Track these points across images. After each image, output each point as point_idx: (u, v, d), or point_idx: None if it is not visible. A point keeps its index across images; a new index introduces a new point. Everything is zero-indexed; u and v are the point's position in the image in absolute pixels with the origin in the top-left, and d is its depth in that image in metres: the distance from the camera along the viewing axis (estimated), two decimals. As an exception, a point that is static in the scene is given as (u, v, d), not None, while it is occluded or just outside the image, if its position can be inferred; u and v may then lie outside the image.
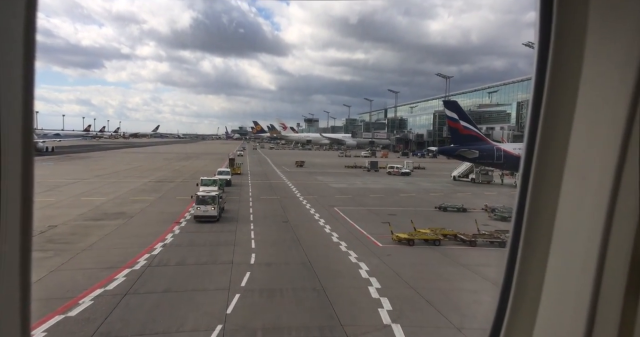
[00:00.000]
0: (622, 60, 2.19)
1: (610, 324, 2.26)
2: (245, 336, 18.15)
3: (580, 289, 2.33)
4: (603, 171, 2.26)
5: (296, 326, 19.07)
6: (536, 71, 2.45)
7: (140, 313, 19.97)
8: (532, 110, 2.49)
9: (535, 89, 2.47)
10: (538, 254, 2.51)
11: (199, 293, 22.78)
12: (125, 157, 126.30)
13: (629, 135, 2.20)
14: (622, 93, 2.20)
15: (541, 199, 2.48)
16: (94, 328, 18.24)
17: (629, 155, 2.22)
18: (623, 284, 2.24)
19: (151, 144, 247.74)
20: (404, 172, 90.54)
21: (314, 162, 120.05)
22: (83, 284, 23.34)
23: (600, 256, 2.27)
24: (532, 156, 2.49)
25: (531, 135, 2.50)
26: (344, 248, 31.75)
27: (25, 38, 2.18)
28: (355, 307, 21.02)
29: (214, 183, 51.56)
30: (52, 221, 37.98)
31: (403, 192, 64.97)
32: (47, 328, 18.08)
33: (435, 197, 59.02)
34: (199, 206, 39.39)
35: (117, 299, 21.32)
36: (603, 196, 2.26)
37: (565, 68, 2.36)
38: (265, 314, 20.23)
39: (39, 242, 31.42)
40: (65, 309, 20.03)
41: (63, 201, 49.00)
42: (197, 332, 18.39)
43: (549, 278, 2.50)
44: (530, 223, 2.52)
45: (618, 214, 2.24)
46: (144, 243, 31.94)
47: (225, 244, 32.56)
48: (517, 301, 2.59)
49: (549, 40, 2.37)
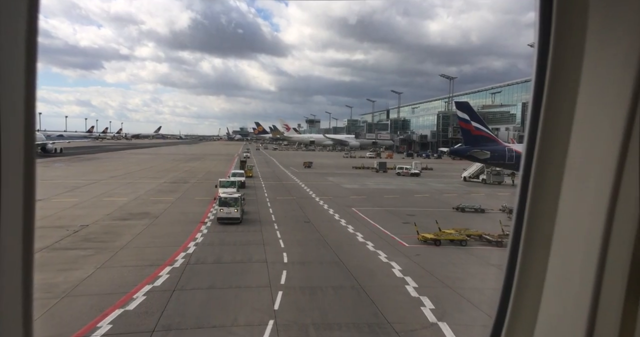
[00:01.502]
0: (621, 61, 2.20)
1: (611, 325, 2.26)
2: (298, 331, 18.95)
3: (581, 290, 2.34)
4: (603, 172, 2.27)
5: (345, 323, 19.89)
6: (536, 72, 2.48)
7: (193, 308, 20.84)
8: (532, 111, 2.52)
9: (535, 90, 2.49)
10: (538, 255, 2.53)
11: (243, 290, 23.64)
12: (133, 159, 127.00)
13: (629, 136, 2.20)
14: (622, 94, 2.20)
15: (541, 200, 2.51)
16: (154, 321, 19.15)
17: (629, 157, 2.21)
18: (624, 285, 2.23)
19: (154, 145, 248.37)
20: (414, 172, 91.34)
21: (320, 163, 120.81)
22: (131, 280, 24.23)
23: (601, 257, 2.27)
24: (532, 157, 2.52)
25: (531, 136, 2.53)
26: (371, 248, 32.58)
27: (27, 39, 2.20)
28: (397, 306, 21.80)
29: (232, 185, 52.23)
30: (82, 220, 38.90)
31: (417, 192, 65.86)
32: (112, 320, 19.09)
33: (450, 198, 59.95)
34: (221, 207, 39.90)
35: (167, 295, 22.20)
36: (603, 197, 2.26)
37: (565, 69, 2.38)
38: (311, 311, 21.00)
39: (77, 241, 32.40)
40: (123, 303, 20.95)
41: (86, 201, 49.87)
42: (251, 326, 19.28)
43: (549, 279, 2.52)
44: (530, 224, 2.54)
45: (618, 215, 2.24)
46: (177, 242, 32.82)
47: (255, 243, 33.41)
48: (518, 302, 2.63)
49: (549, 41, 2.39)
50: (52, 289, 22.40)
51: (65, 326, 18.71)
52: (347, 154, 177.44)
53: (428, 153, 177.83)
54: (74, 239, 32.70)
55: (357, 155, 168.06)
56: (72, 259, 27.86)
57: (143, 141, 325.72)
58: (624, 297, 2.23)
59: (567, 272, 2.44)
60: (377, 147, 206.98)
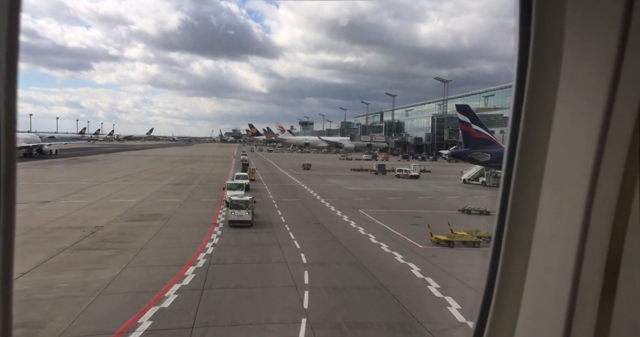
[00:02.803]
0: (597, 66, 2.24)
1: (588, 323, 2.32)
2: (332, 329, 19.44)
3: (559, 290, 2.41)
4: (580, 175, 2.32)
5: (376, 322, 20.46)
6: (516, 77, 2.52)
7: (225, 306, 21.35)
8: (513, 115, 2.55)
9: (516, 94, 2.52)
10: (519, 256, 2.59)
11: (269, 289, 24.17)
12: (131, 161, 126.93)
13: (604, 140, 2.24)
14: (597, 98, 2.24)
15: (522, 203, 2.55)
16: (191, 318, 19.69)
17: (604, 160, 2.26)
18: (599, 284, 2.29)
19: (148, 147, 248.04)
20: (413, 175, 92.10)
21: (318, 165, 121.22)
22: (159, 279, 24.71)
23: (578, 258, 2.34)
24: (513, 161, 2.55)
25: (512, 140, 2.56)
26: (386, 249, 33.17)
27: (8, 39, 2.16)
28: (423, 306, 22.32)
29: (239, 187, 52.35)
30: (96, 221, 39.24)
31: (420, 194, 66.61)
32: (150, 317, 19.63)
33: (453, 200, 60.76)
34: (232, 210, 39.97)
35: (197, 294, 22.69)
36: (580, 200, 2.32)
37: (543, 73, 2.42)
38: (340, 310, 21.42)
39: (96, 241, 32.81)
40: (156, 301, 21.45)
41: (95, 202, 50.13)
42: (285, 324, 19.80)
43: (529, 279, 2.58)
44: (511, 227, 2.59)
45: (594, 217, 2.29)
46: (194, 243, 33.28)
47: (270, 244, 33.91)
48: (500, 302, 2.68)
49: (528, 45, 2.42)
50: (86, 287, 22.97)
51: (107, 322, 19.22)
52: (344, 156, 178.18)
53: (424, 155, 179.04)
54: (92, 240, 33.06)
55: (353, 158, 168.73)
56: (97, 259, 28.25)
57: (135, 143, 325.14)
58: (600, 296, 2.29)
59: (545, 272, 2.50)
60: (372, 149, 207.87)
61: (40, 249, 29.82)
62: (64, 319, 19.28)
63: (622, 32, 2.16)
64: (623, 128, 2.21)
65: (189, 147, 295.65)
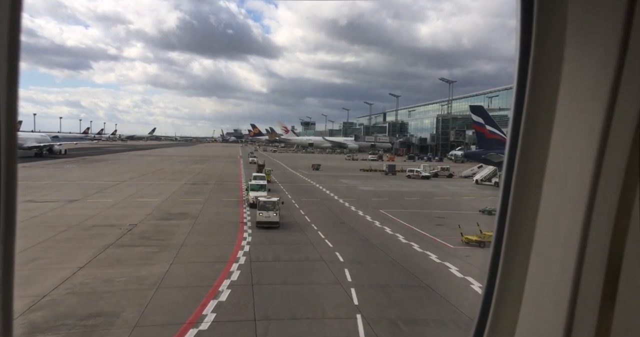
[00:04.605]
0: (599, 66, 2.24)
1: (588, 324, 2.31)
2: (388, 325, 20.02)
3: (560, 290, 2.40)
4: (581, 176, 2.31)
5: (431, 319, 21.10)
6: (517, 77, 2.52)
7: (278, 301, 22.12)
8: (514, 116, 2.55)
9: (517, 95, 2.52)
10: (520, 257, 2.59)
11: (315, 286, 24.86)
12: (140, 161, 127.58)
13: (606, 140, 2.24)
14: (598, 98, 2.24)
15: (522, 203, 2.55)
16: (251, 311, 20.53)
17: (605, 161, 2.25)
18: (600, 284, 2.28)
19: (152, 147, 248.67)
20: (425, 175, 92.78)
21: (326, 166, 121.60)
22: (208, 275, 25.54)
23: (579, 258, 2.33)
24: (513, 161, 2.55)
25: (513, 141, 2.56)
26: (418, 248, 33.82)
27: (10, 38, 2.17)
28: (471, 304, 22.63)
29: (261, 188, 52.87)
30: (128, 219, 40.07)
31: (435, 195, 67.38)
32: (212, 310, 20.51)
33: (470, 200, 61.56)
34: (260, 211, 40.04)
35: (249, 289, 23.48)
36: (581, 200, 2.31)
37: (544, 74, 2.42)
38: (391, 307, 22.02)
39: (135, 238, 33.69)
40: (213, 295, 22.33)
41: (121, 201, 50.92)
42: (342, 319, 20.51)
43: (530, 279, 2.57)
44: (512, 227, 2.59)
45: (595, 218, 2.28)
46: (229, 241, 34.05)
47: (303, 243, 34.61)
48: (500, 302, 2.69)
49: (530, 46, 2.43)
50: (143, 282, 23.97)
51: (174, 313, 20.22)
52: (350, 157, 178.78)
53: (429, 156, 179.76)
54: (132, 237, 33.86)
55: (359, 158, 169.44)
56: (143, 255, 29.08)
57: (138, 143, 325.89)
58: (601, 297, 2.27)
59: (546, 273, 2.50)
60: (376, 149, 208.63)
61: (86, 245, 30.74)
62: (134, 310, 20.23)
63: (623, 33, 2.17)
64: (624, 129, 2.20)
65: (192, 147, 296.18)
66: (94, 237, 33.50)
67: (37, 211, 42.56)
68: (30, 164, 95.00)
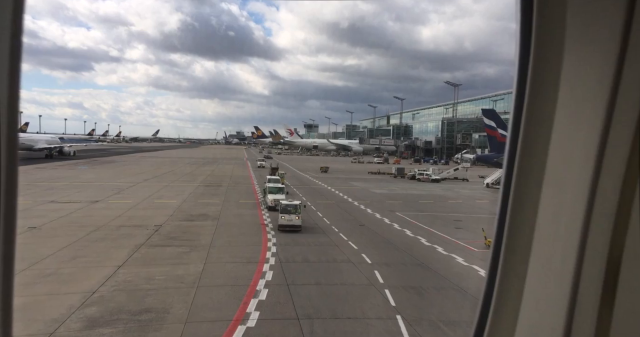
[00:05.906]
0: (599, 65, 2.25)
1: (588, 324, 2.32)
2: (430, 327, 20.32)
3: (559, 291, 2.41)
4: (580, 178, 2.33)
5: (472, 321, 21.47)
6: (517, 79, 2.53)
7: (316, 301, 22.50)
8: (514, 118, 2.57)
9: (517, 97, 2.54)
10: (519, 258, 2.59)
11: (349, 287, 25.26)
12: (149, 162, 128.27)
13: (605, 143, 2.25)
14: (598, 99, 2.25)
15: (522, 204, 2.55)
16: (291, 310, 21.01)
17: (605, 162, 2.26)
18: (600, 285, 2.29)
19: (157, 149, 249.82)
20: (434, 178, 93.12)
21: (334, 168, 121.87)
22: (242, 274, 26.04)
23: (578, 259, 2.34)
24: (513, 163, 2.56)
25: (513, 142, 2.57)
26: (442, 251, 34.14)
27: (12, 40, 2.18)
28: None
29: (280, 191, 53.32)
30: (153, 220, 40.59)
31: (449, 198, 67.77)
32: (255, 308, 21.02)
33: (484, 203, 61.94)
34: (282, 215, 40.00)
35: (285, 288, 23.93)
36: (581, 201, 2.33)
37: (544, 76, 2.43)
38: (429, 308, 22.30)
39: (164, 239, 34.26)
40: (252, 294, 22.84)
41: (141, 202, 51.45)
42: (383, 320, 20.89)
43: (529, 280, 2.58)
44: (512, 228, 2.60)
45: (595, 219, 2.30)
46: (255, 242, 34.49)
47: (327, 245, 35.00)
48: (500, 302, 2.70)
49: (529, 48, 2.43)
50: (182, 280, 24.68)
51: (220, 310, 20.84)
52: (356, 160, 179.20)
53: (435, 159, 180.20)
54: (160, 238, 34.36)
55: (365, 161, 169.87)
56: (176, 254, 29.62)
57: (142, 144, 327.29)
58: (600, 298, 2.28)
59: (546, 273, 2.50)
60: (381, 152, 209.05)
61: (118, 245, 31.31)
62: (182, 306, 20.83)
63: (622, 36, 2.18)
64: (623, 131, 2.22)
65: (198, 149, 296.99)
66: (123, 237, 34.00)
67: (63, 212, 43.24)
68: (43, 165, 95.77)
